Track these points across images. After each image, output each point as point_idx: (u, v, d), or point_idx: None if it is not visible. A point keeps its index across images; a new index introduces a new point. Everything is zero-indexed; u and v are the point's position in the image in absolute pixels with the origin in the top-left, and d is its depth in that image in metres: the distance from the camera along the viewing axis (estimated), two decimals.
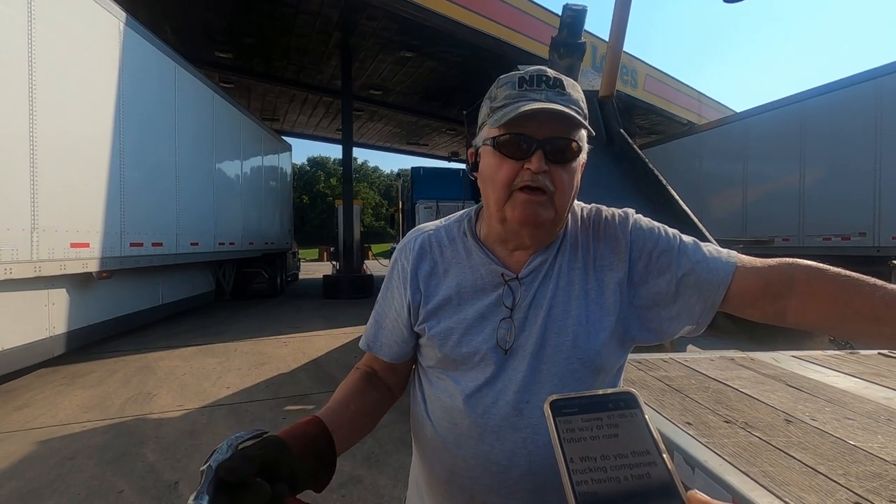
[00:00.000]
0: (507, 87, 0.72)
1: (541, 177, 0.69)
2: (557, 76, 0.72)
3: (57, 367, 4.92)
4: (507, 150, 0.71)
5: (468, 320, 0.77)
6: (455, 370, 0.78)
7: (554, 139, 0.70)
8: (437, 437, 0.79)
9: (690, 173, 10.16)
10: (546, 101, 0.69)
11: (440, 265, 0.83)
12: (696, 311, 0.74)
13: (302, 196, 49.67)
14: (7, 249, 3.75)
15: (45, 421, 3.58)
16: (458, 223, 0.87)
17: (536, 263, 0.78)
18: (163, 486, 2.65)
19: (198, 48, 10.28)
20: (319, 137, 19.27)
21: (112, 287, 5.46)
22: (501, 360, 0.75)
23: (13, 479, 2.72)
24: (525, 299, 0.76)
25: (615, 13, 3.40)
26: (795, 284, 0.67)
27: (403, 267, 0.84)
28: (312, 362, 5.41)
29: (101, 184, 5.03)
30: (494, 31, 9.19)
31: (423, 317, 0.80)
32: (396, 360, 0.86)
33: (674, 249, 0.76)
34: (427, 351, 0.82)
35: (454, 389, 0.77)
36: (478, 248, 0.81)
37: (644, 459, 0.30)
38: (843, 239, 7.17)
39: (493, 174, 0.73)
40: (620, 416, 0.32)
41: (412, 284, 0.82)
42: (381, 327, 0.87)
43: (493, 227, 0.79)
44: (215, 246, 8.28)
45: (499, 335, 0.75)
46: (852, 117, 7.04)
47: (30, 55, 4.01)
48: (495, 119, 0.71)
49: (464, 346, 0.76)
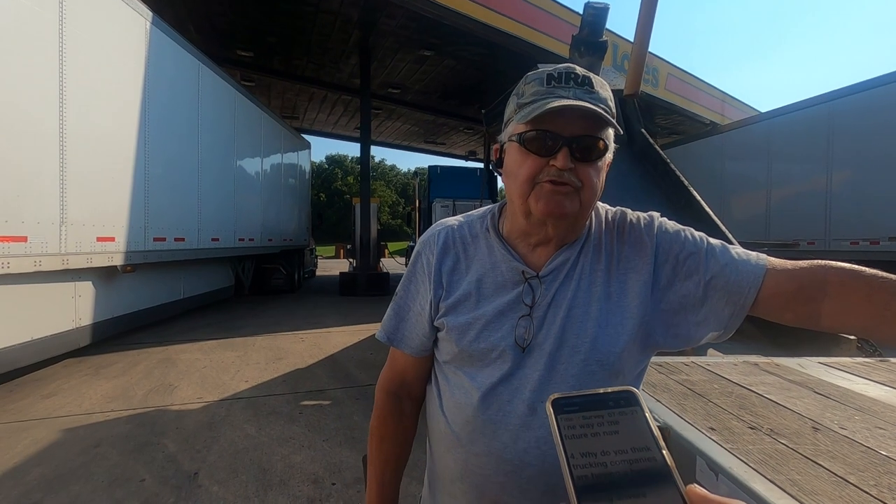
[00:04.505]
0: (535, 84, 0.71)
1: (566, 174, 0.69)
2: (586, 74, 0.71)
3: (82, 358, 5.06)
4: (532, 147, 0.71)
5: (487, 316, 0.77)
6: (471, 366, 0.78)
7: (581, 137, 0.69)
8: (451, 433, 0.78)
9: (712, 174, 9.98)
10: (574, 98, 0.68)
11: (463, 261, 0.83)
12: (725, 315, 0.72)
13: (320, 193, 50.23)
14: (37, 242, 3.86)
15: (71, 410, 3.68)
16: (482, 219, 0.86)
17: (558, 262, 0.77)
18: (183, 476, 2.71)
19: (220, 47, 10.44)
20: (338, 135, 19.40)
21: (135, 280, 5.59)
22: (518, 358, 0.74)
23: (40, 465, 2.81)
24: (545, 298, 0.75)
25: (641, 10, 3.35)
26: (829, 287, 0.66)
27: (428, 261, 0.84)
28: (329, 358, 5.46)
29: (126, 180, 5.16)
30: (514, 29, 9.14)
31: (444, 311, 0.80)
32: (419, 352, 0.86)
33: (701, 252, 0.75)
34: (445, 345, 0.82)
35: (469, 385, 0.77)
36: (500, 244, 0.80)
37: (644, 455, 0.30)
38: (872, 243, 6.96)
39: (516, 169, 0.73)
40: (621, 413, 0.33)
41: (435, 280, 0.82)
42: (404, 320, 0.87)
43: (516, 222, 0.78)
44: (235, 242, 8.41)
45: (517, 332, 0.75)
46: (883, 117, 6.82)
47: (60, 54, 4.13)
48: (522, 115, 0.70)
49: (482, 342, 0.76)
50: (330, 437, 3.28)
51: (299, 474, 2.77)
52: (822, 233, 7.75)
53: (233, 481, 2.67)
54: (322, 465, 2.89)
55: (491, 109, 4.25)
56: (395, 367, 0.91)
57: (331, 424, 3.51)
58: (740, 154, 9.60)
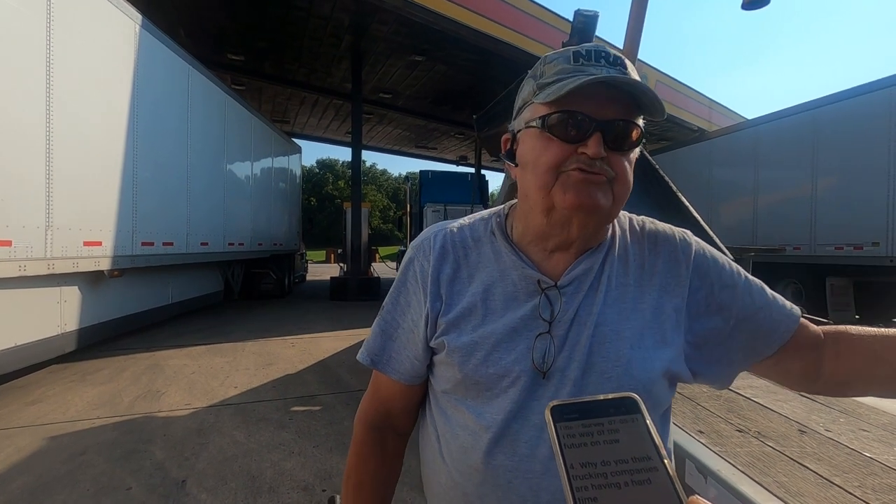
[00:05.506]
0: (560, 62, 0.61)
1: (598, 163, 0.58)
2: (618, 54, 0.61)
3: (68, 364, 4.97)
4: (558, 132, 0.59)
5: (497, 334, 0.64)
6: (476, 397, 0.64)
7: (615, 122, 0.59)
8: (455, 485, 0.65)
9: (700, 180, 10.11)
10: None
11: (464, 269, 0.70)
12: (737, 359, 0.68)
13: (310, 198, 50.01)
14: (22, 246, 3.80)
15: (56, 417, 3.62)
16: (485, 222, 0.74)
17: (580, 271, 0.65)
18: (171, 484, 2.67)
19: (210, 50, 10.38)
20: (329, 140, 19.36)
21: (123, 285, 5.51)
22: (535, 386, 0.62)
23: (24, 473, 2.75)
24: (566, 313, 0.64)
25: (630, 19, 3.40)
26: (827, 335, 0.67)
27: (423, 269, 0.70)
28: (319, 363, 5.42)
29: (114, 183, 5.10)
30: (504, 35, 9.21)
31: (443, 328, 0.67)
32: (409, 379, 0.72)
33: (738, 286, 0.68)
34: (443, 371, 0.68)
35: (475, 424, 0.63)
36: (509, 249, 0.68)
37: (645, 465, 0.29)
38: (856, 248, 7.10)
39: (536, 157, 0.62)
40: (622, 421, 0.32)
41: (433, 290, 0.69)
42: (392, 339, 0.73)
43: (531, 221, 0.66)
44: (225, 246, 8.34)
45: (535, 354, 0.62)
46: (866, 125, 6.97)
47: (47, 56, 4.08)
48: (547, 93, 0.59)
49: (490, 366, 0.63)
50: (320, 444, 3.25)
51: (289, 481, 2.74)
52: (807, 238, 7.88)
53: (222, 489, 2.64)
54: (312, 471, 2.86)
55: (482, 115, 4.27)
56: (380, 395, 0.76)
57: (321, 430, 3.49)
58: (728, 160, 9.74)
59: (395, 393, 0.74)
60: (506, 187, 4.29)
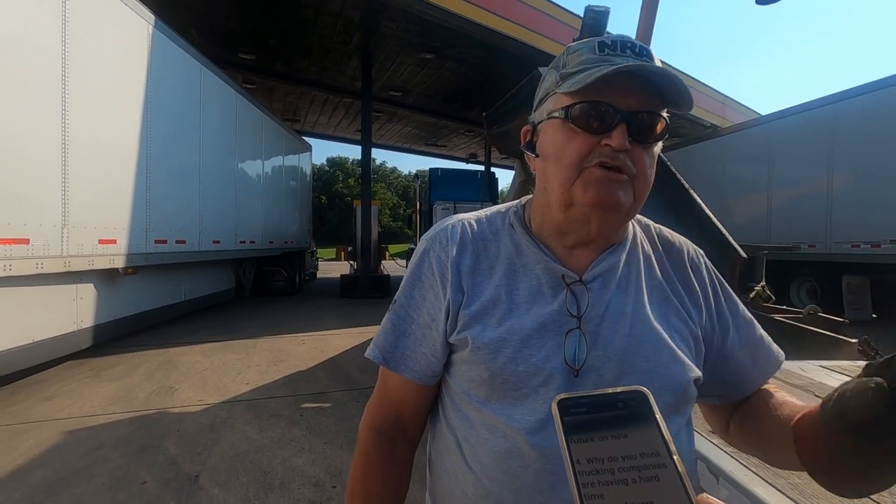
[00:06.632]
0: (584, 52, 0.59)
1: (622, 155, 0.57)
2: (644, 45, 0.59)
3: (83, 360, 5.06)
4: (582, 123, 0.58)
5: (525, 330, 0.60)
6: (502, 398, 0.60)
7: (642, 113, 0.57)
8: (487, 493, 0.60)
9: (713, 177, 9.99)
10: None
11: (484, 260, 0.66)
12: (713, 391, 0.69)
13: (320, 196, 50.24)
14: (39, 245, 3.87)
15: (73, 412, 3.69)
16: (502, 214, 0.71)
17: (605, 266, 0.63)
18: (184, 479, 2.71)
19: (222, 50, 10.47)
20: (339, 138, 19.44)
21: (137, 283, 5.59)
22: (569, 386, 0.58)
23: (42, 467, 2.81)
24: (595, 308, 0.61)
25: (642, 14, 3.36)
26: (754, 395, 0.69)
27: (440, 260, 0.66)
28: (329, 361, 5.46)
29: (128, 182, 5.17)
30: (514, 32, 9.16)
31: (464, 322, 0.63)
32: (424, 378, 0.68)
33: (736, 317, 0.70)
34: (465, 370, 0.63)
35: (506, 427, 0.59)
36: (530, 241, 0.66)
37: (653, 461, 0.28)
38: (873, 246, 6.97)
39: (559, 150, 0.60)
40: (630, 415, 0.31)
41: (453, 280, 0.64)
42: (405, 335, 0.68)
43: (550, 215, 0.64)
44: (236, 244, 8.42)
45: (566, 351, 0.59)
46: (885, 120, 6.83)
47: (63, 56, 4.14)
48: (572, 83, 0.57)
49: (520, 363, 0.59)
50: (331, 440, 3.28)
51: (300, 477, 2.77)
52: (823, 235, 7.75)
53: (234, 483, 2.67)
54: (323, 467, 2.89)
55: (492, 112, 4.25)
56: (390, 397, 0.71)
57: (332, 427, 3.51)
58: (741, 157, 9.61)
59: (406, 394, 0.70)
60: (516, 185, 4.28)
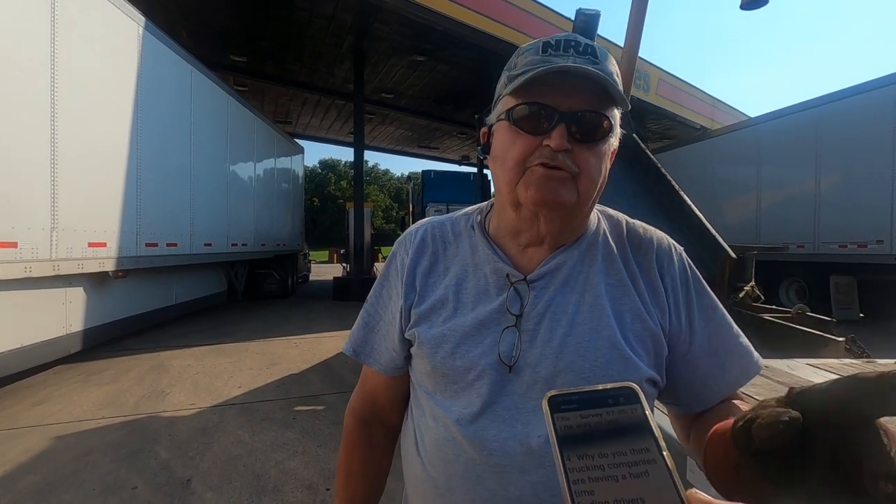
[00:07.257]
0: (530, 54, 0.60)
1: (561, 156, 0.57)
2: (590, 43, 0.59)
3: (73, 365, 5.00)
4: (523, 125, 0.59)
5: (464, 327, 0.64)
6: (444, 391, 0.64)
7: (581, 113, 0.57)
8: (427, 477, 0.64)
9: (703, 179, 10.09)
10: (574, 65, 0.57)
11: (441, 262, 0.70)
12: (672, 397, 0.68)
13: (313, 198, 50.08)
14: (27, 248, 3.83)
15: (62, 417, 3.64)
16: (467, 216, 0.75)
17: (553, 265, 0.64)
18: (175, 483, 2.68)
19: (213, 52, 10.41)
20: (331, 140, 19.40)
21: (127, 286, 5.54)
22: (503, 381, 0.61)
23: (31, 473, 2.77)
24: (536, 307, 0.63)
25: (631, 17, 3.40)
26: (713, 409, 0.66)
27: (402, 261, 0.72)
28: (322, 363, 5.44)
29: (118, 185, 5.12)
30: (506, 34, 9.20)
31: (415, 320, 0.68)
32: (389, 370, 0.73)
33: (714, 320, 0.67)
34: (417, 363, 0.69)
35: (444, 417, 0.63)
36: (485, 243, 0.68)
37: (643, 457, 0.28)
38: (860, 246, 7.08)
39: (504, 151, 0.62)
40: (620, 411, 0.31)
41: (407, 282, 0.70)
42: (373, 331, 0.75)
43: (505, 216, 0.67)
44: (228, 247, 8.37)
45: (501, 348, 0.61)
46: (870, 123, 6.95)
47: (52, 58, 4.10)
48: (512, 85, 0.59)
49: (458, 359, 0.63)
50: (324, 443, 3.27)
51: (293, 480, 2.76)
52: (811, 236, 7.86)
53: (226, 488, 2.65)
54: (316, 470, 2.88)
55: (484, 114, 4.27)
56: (365, 387, 0.79)
57: (325, 430, 3.50)
58: (731, 159, 9.72)
59: (378, 384, 0.76)
60: None
